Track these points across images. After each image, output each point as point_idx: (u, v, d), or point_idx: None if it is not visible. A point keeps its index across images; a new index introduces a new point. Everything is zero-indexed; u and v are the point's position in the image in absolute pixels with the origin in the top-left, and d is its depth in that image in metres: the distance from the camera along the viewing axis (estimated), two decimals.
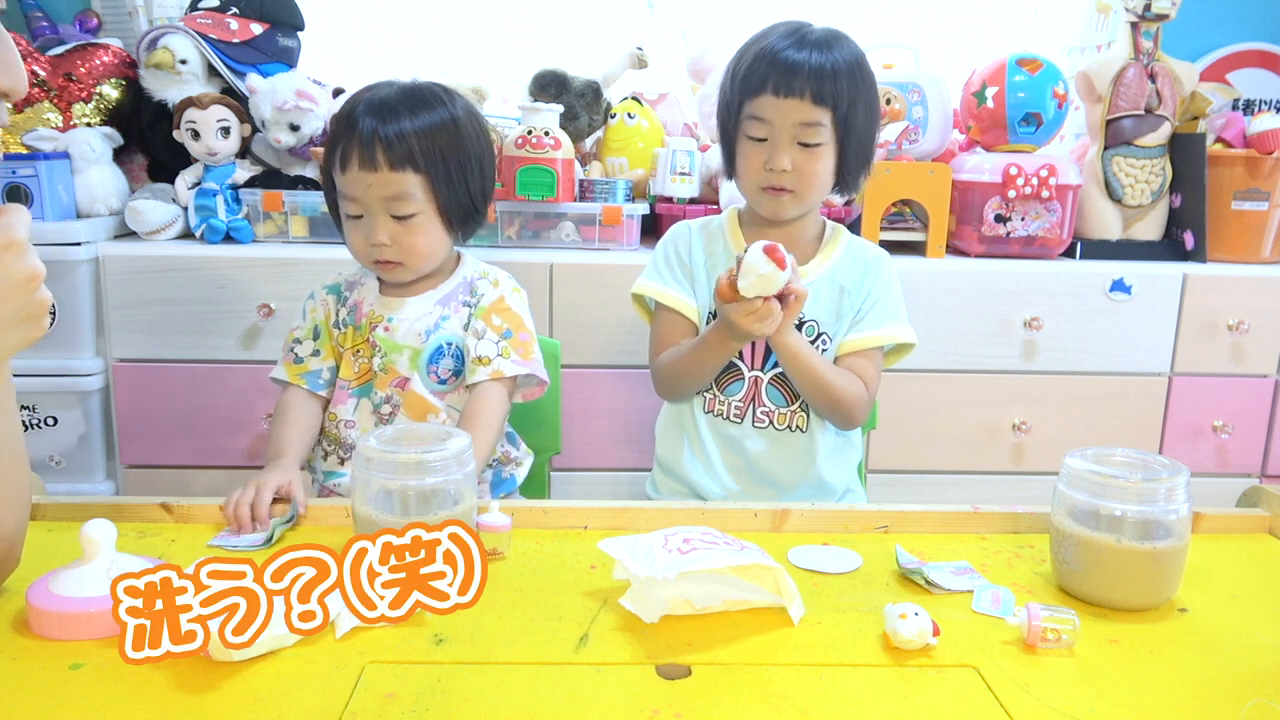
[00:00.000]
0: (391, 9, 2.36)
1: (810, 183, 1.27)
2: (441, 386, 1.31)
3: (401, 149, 1.21)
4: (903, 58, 2.12)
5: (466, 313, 1.32)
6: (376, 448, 0.90)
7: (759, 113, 1.26)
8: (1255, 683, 0.76)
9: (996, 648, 0.80)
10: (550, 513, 1.04)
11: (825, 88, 1.23)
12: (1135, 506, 0.85)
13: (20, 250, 0.69)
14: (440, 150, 1.23)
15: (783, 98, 1.24)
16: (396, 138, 1.21)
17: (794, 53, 1.24)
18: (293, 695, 0.71)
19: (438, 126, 1.24)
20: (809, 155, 1.26)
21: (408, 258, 1.26)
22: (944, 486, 1.96)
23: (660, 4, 2.38)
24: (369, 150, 1.20)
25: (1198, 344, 1.94)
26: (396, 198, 1.22)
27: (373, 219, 1.24)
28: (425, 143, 1.22)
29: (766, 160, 1.26)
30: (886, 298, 1.36)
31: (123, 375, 1.81)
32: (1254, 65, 2.41)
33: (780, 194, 1.28)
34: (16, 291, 0.70)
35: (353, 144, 1.21)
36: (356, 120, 1.22)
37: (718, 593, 0.84)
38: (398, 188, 1.22)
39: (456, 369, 1.31)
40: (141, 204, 1.85)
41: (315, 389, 1.32)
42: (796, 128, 1.25)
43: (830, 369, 1.30)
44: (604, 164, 2.08)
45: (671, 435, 1.40)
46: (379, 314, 1.31)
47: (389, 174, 1.21)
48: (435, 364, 1.30)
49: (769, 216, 1.33)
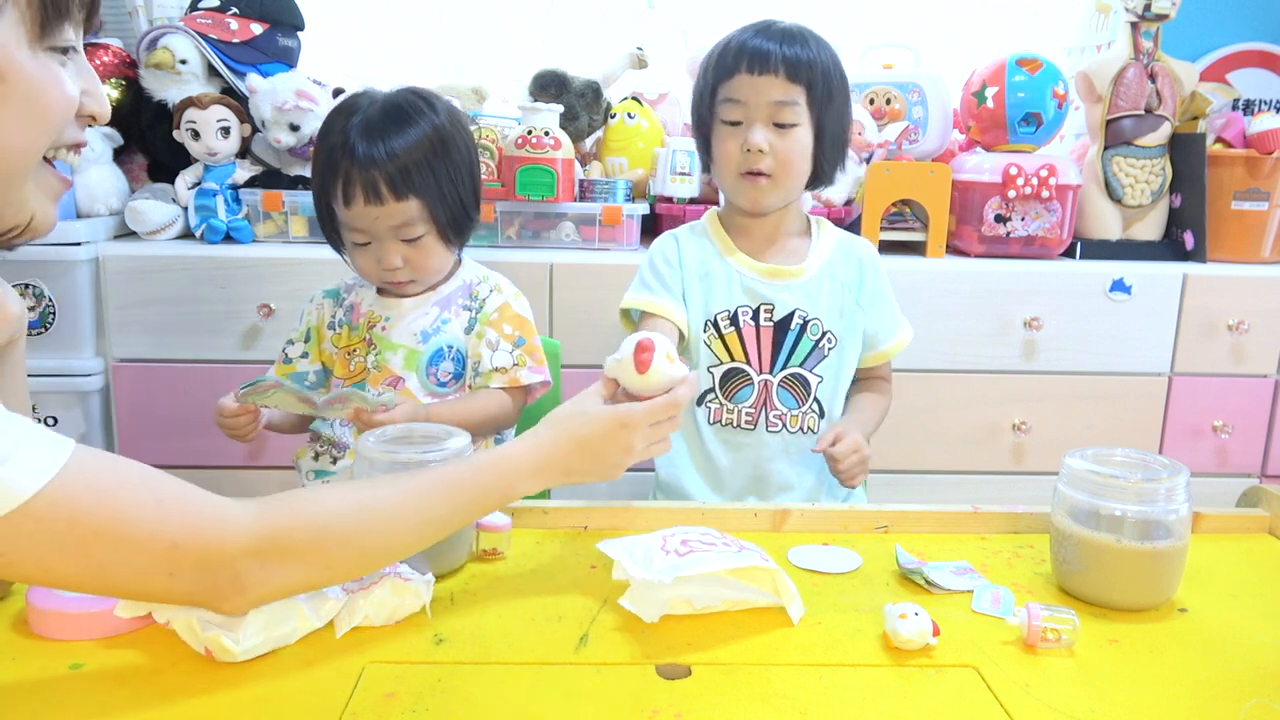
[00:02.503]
0: (391, 9, 2.36)
1: (788, 166, 1.27)
2: (442, 389, 1.31)
3: (401, 176, 1.21)
4: (903, 58, 2.12)
5: (468, 316, 1.32)
6: (376, 448, 0.90)
7: (733, 94, 1.26)
8: (1255, 683, 0.76)
9: (996, 648, 0.80)
10: (550, 513, 1.04)
11: (799, 68, 1.24)
12: (1135, 506, 0.85)
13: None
14: (432, 169, 1.23)
15: (757, 75, 1.24)
16: (396, 167, 1.20)
17: (764, 40, 1.26)
18: (293, 695, 0.71)
19: (426, 142, 1.23)
20: (785, 136, 1.26)
21: (420, 274, 1.29)
22: (944, 486, 1.96)
23: (660, 4, 2.38)
24: (371, 183, 1.20)
25: (1198, 344, 1.94)
26: (404, 225, 1.23)
27: (382, 245, 1.25)
28: (420, 164, 1.22)
29: (742, 142, 1.26)
30: (887, 303, 1.37)
31: (123, 375, 1.81)
32: (1254, 65, 2.41)
33: (758, 179, 1.27)
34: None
35: (354, 178, 1.20)
36: (352, 149, 1.21)
37: (717, 593, 0.84)
38: (404, 216, 1.23)
39: (457, 372, 1.32)
40: (141, 204, 1.85)
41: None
42: (771, 106, 1.25)
43: (879, 413, 1.39)
44: (604, 164, 2.08)
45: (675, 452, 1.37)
46: (377, 314, 1.32)
47: (395, 205, 1.22)
48: (435, 366, 1.31)
49: (748, 207, 1.32)
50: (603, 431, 0.87)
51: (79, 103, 0.72)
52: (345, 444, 1.34)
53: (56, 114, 0.70)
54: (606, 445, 0.87)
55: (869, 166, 1.92)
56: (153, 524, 0.66)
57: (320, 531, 0.73)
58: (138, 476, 0.67)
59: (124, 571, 0.67)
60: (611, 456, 0.87)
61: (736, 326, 1.32)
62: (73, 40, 0.70)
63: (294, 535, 0.72)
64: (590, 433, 0.87)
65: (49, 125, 0.70)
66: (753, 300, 1.32)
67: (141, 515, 0.66)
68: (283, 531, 0.71)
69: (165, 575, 0.68)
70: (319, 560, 0.74)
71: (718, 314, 1.32)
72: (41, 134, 0.69)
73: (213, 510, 0.70)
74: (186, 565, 0.68)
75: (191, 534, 0.68)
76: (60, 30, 0.68)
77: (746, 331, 1.32)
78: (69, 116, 0.71)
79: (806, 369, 1.32)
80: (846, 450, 1.24)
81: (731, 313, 1.32)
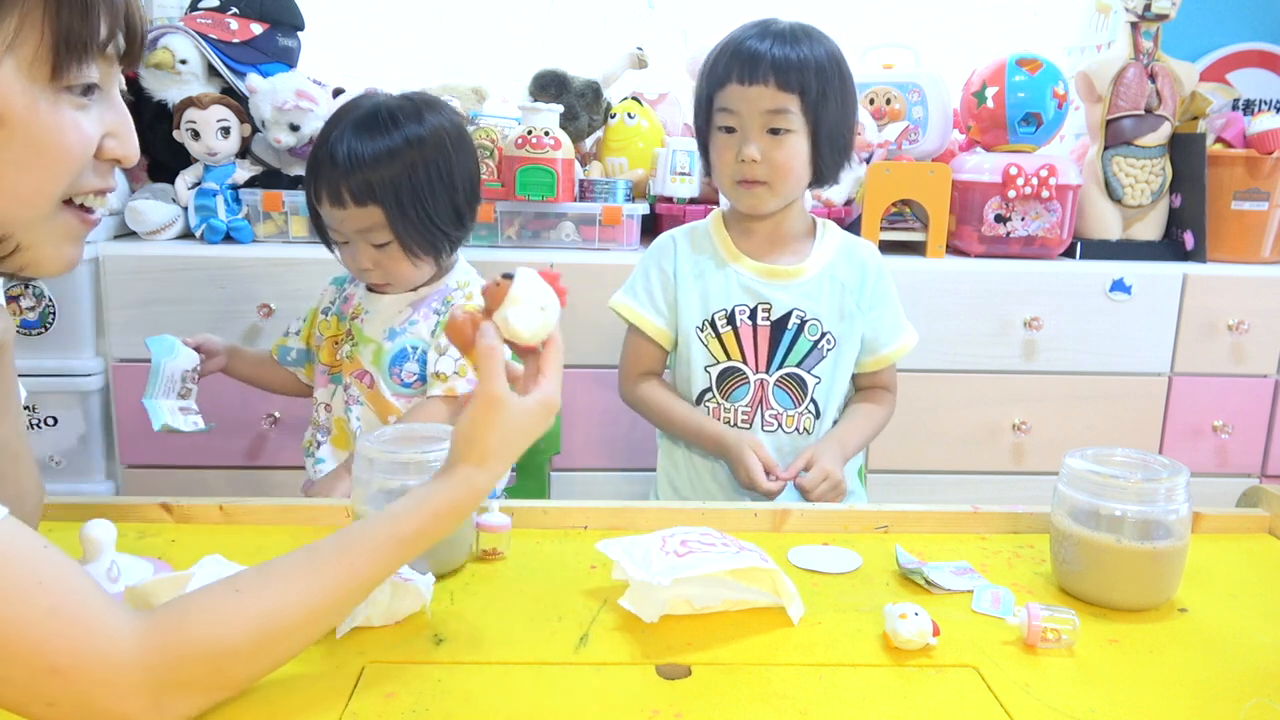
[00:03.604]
0: (391, 9, 2.36)
1: (783, 173, 1.26)
2: (406, 389, 1.32)
3: (362, 185, 1.22)
4: (903, 58, 2.12)
5: (434, 320, 1.33)
6: (376, 448, 0.90)
7: (726, 103, 1.26)
8: (1255, 683, 0.76)
9: (996, 648, 0.80)
10: (550, 513, 1.04)
11: (790, 74, 1.23)
12: (1135, 506, 0.85)
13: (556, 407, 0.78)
14: (394, 182, 1.22)
15: (747, 85, 1.24)
16: (360, 175, 1.21)
17: (757, 43, 1.24)
18: (293, 695, 0.71)
19: (395, 155, 1.23)
20: (778, 143, 1.25)
21: (393, 279, 1.30)
22: (944, 486, 1.96)
23: (660, 4, 2.38)
24: (334, 188, 1.23)
25: (1198, 344, 1.94)
26: (368, 230, 1.25)
27: (354, 247, 1.28)
28: (382, 176, 1.22)
29: (737, 152, 1.26)
30: (890, 307, 1.37)
31: (123, 375, 1.81)
32: (1254, 65, 2.41)
33: (754, 186, 1.27)
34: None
35: (322, 180, 1.24)
36: (331, 151, 1.23)
37: (717, 593, 0.84)
38: (366, 221, 1.24)
39: (421, 374, 1.32)
40: (141, 204, 1.84)
41: (282, 360, 1.43)
42: (764, 115, 1.24)
43: (874, 425, 1.37)
44: (604, 164, 2.08)
45: (673, 451, 1.41)
46: (362, 306, 1.35)
47: (355, 210, 1.24)
48: (399, 366, 1.32)
49: (746, 211, 1.32)
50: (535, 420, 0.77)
51: (101, 145, 0.68)
52: (328, 428, 1.37)
53: (68, 159, 0.66)
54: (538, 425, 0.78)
55: (869, 166, 1.92)
56: (37, 639, 0.58)
57: (220, 658, 0.64)
58: (33, 579, 0.59)
59: (3, 687, 0.59)
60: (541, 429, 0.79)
61: (734, 325, 1.32)
62: (95, 79, 0.66)
63: (192, 667, 0.63)
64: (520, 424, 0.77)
65: (59, 171, 0.66)
66: (751, 299, 1.32)
67: (28, 623, 0.58)
68: (176, 663, 0.62)
69: (44, 704, 0.59)
70: (221, 685, 0.66)
71: (715, 313, 1.32)
72: (49, 180, 0.66)
73: (103, 632, 0.60)
74: (65, 703, 0.59)
75: (75, 662, 0.59)
76: (78, 69, 0.64)
77: (743, 330, 1.32)
78: (84, 161, 0.67)
79: (804, 369, 1.32)
80: (815, 480, 1.23)
81: (729, 312, 1.32)
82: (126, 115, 0.70)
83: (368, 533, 0.71)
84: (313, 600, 0.68)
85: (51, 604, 0.59)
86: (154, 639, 0.62)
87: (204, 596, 0.66)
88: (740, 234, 1.35)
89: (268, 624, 0.66)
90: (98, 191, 0.70)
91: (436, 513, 0.73)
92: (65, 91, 0.64)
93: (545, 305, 0.77)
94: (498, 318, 0.75)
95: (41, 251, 0.69)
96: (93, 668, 0.59)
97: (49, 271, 0.71)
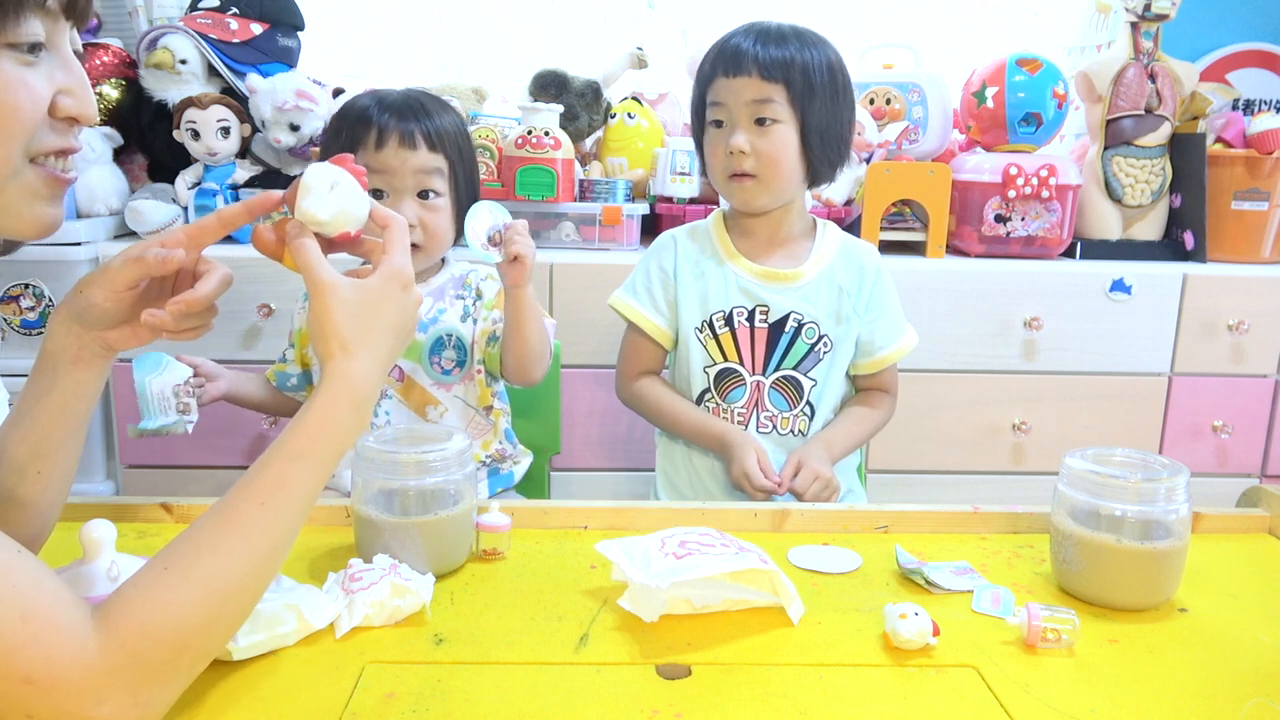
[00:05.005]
0: (391, 9, 2.36)
1: (771, 165, 1.26)
2: (446, 377, 1.33)
3: (436, 133, 1.29)
4: (903, 58, 2.12)
5: (462, 305, 1.34)
6: (376, 448, 0.90)
7: (714, 97, 1.28)
8: (1255, 683, 0.76)
9: (996, 648, 0.80)
10: (550, 513, 1.04)
11: (774, 66, 1.24)
12: (1135, 506, 0.85)
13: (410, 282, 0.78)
14: (458, 142, 1.32)
15: (731, 77, 1.26)
16: (431, 124, 1.29)
17: (743, 39, 1.26)
18: (293, 695, 0.71)
19: (456, 124, 1.33)
20: (764, 134, 1.26)
21: (429, 241, 1.30)
22: (944, 486, 1.96)
23: (660, 4, 2.38)
24: (409, 132, 1.27)
25: (1198, 344, 1.94)
26: (430, 173, 1.28)
27: (398, 199, 1.28)
28: (451, 132, 1.31)
29: (725, 145, 1.27)
30: (890, 307, 1.36)
31: (123, 375, 1.81)
32: (1254, 65, 2.41)
33: (743, 180, 1.28)
34: (412, 319, 0.80)
35: (390, 127, 1.27)
36: (392, 106, 1.28)
37: (717, 593, 0.84)
38: (433, 164, 1.28)
39: (460, 359, 1.33)
40: (141, 204, 1.84)
41: (282, 386, 1.43)
42: (749, 105, 1.25)
43: (865, 427, 1.37)
44: (604, 164, 2.08)
45: (671, 450, 1.41)
46: None
47: (426, 154, 1.28)
48: (438, 355, 1.33)
49: (740, 207, 1.33)
50: (384, 294, 0.77)
51: (55, 104, 0.67)
52: None
53: (18, 117, 0.65)
54: (388, 299, 0.77)
55: (869, 166, 1.92)
56: (11, 647, 0.57)
57: (175, 638, 0.63)
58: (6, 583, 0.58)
59: None
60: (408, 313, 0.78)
61: (731, 327, 1.32)
62: (39, 36, 0.65)
63: (153, 654, 0.62)
64: (365, 300, 0.76)
65: (12, 130, 0.65)
66: (749, 301, 1.32)
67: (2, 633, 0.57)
68: (136, 655, 0.61)
69: (24, 715, 0.58)
70: (189, 662, 0.65)
71: (714, 314, 1.32)
72: (2, 139, 0.65)
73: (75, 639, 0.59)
74: (44, 713, 0.58)
75: (49, 669, 0.58)
76: (19, 26, 0.63)
77: (741, 332, 1.32)
78: (36, 119, 0.66)
79: (800, 371, 1.33)
80: (806, 482, 1.24)
81: (727, 313, 1.32)
82: (82, 74, 0.70)
83: (265, 469, 0.70)
84: (243, 553, 0.66)
85: (24, 610, 0.58)
86: (110, 638, 0.61)
87: (138, 584, 0.64)
88: (740, 234, 1.36)
89: (210, 591, 0.64)
90: (59, 152, 0.69)
91: (320, 414, 0.72)
92: (8, 49, 0.64)
93: (336, 183, 0.76)
94: (297, 213, 0.77)
95: (16, 212, 0.68)
96: (68, 674, 0.59)
97: (28, 233, 0.71)
